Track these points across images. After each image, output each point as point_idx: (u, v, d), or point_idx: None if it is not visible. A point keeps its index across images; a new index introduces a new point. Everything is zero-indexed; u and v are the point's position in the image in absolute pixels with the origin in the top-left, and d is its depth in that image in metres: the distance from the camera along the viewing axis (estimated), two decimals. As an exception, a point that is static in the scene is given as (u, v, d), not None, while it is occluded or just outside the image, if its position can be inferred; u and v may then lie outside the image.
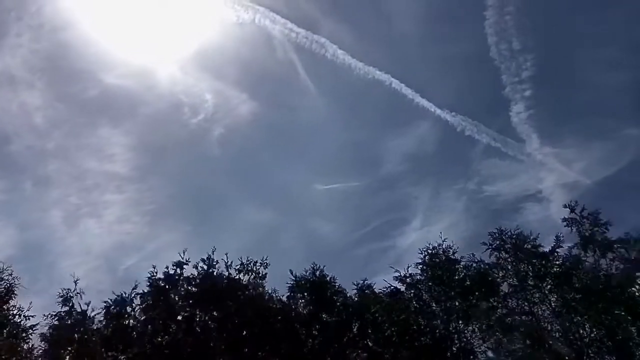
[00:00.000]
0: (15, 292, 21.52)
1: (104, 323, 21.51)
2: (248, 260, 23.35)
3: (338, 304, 22.57)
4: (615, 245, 21.39)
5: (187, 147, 60.27)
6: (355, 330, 21.96)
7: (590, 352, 20.46)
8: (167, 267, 22.53)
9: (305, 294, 22.72)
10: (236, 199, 57.35)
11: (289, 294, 22.93)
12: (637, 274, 20.62)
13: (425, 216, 49.02)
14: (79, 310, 21.79)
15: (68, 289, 21.93)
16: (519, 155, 45.31)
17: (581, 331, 21.11)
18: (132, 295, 22.04)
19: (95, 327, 21.50)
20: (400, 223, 51.16)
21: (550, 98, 57.68)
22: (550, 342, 20.82)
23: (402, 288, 23.31)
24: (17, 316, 20.87)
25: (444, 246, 23.71)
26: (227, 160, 60.65)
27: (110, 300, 21.74)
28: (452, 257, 23.45)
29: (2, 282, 21.39)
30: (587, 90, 59.04)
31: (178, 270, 22.69)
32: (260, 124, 60.62)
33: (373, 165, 59.60)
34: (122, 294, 21.92)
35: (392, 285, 23.33)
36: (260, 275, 23.34)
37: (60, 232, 45.23)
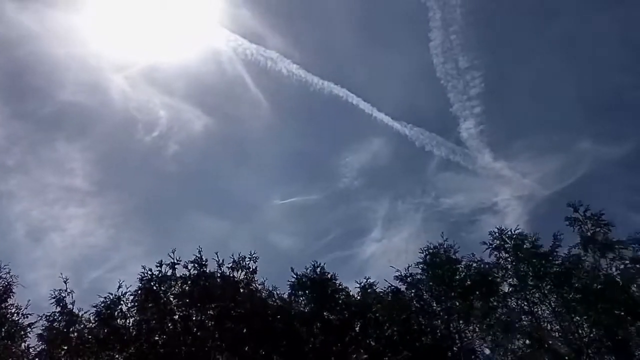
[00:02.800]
0: (13, 291, 21.31)
1: (96, 323, 21.24)
2: (239, 257, 23.26)
3: (340, 302, 22.50)
4: (616, 246, 21.43)
5: (145, 161, 61.54)
6: (357, 329, 21.90)
7: (589, 352, 20.50)
8: (159, 266, 22.37)
9: (307, 291, 22.62)
10: (195, 212, 58.65)
11: (289, 291, 22.83)
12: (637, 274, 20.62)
13: (384, 228, 50.48)
14: (72, 310, 21.52)
15: (60, 290, 21.59)
16: (474, 169, 46.48)
17: (581, 331, 21.17)
18: (123, 294, 21.80)
19: (88, 327, 21.26)
20: (360, 234, 52.65)
21: (500, 113, 59.96)
22: (550, 341, 20.86)
23: (403, 288, 23.30)
24: (15, 315, 20.66)
25: (444, 246, 23.74)
26: (185, 175, 62.30)
27: (104, 298, 21.54)
28: (452, 256, 23.47)
29: (0, 281, 21.18)
30: (538, 104, 61.04)
31: (170, 271, 22.50)
32: (216, 139, 62.84)
33: (330, 179, 61.19)
34: (111, 294, 21.65)
35: (393, 285, 23.33)
36: (251, 270, 23.25)
37: (25, 246, 45.20)
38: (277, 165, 63.75)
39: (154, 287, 22.09)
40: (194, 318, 21.86)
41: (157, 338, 21.02)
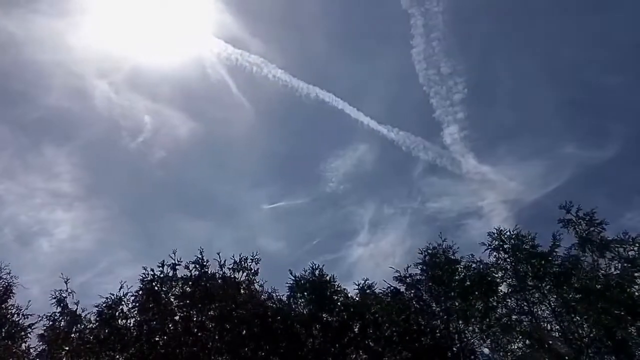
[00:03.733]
0: (13, 291, 21.42)
1: (97, 323, 21.34)
2: (241, 258, 23.36)
3: (339, 303, 22.54)
4: (612, 245, 21.48)
5: (132, 165, 62.29)
6: (356, 330, 21.93)
7: (589, 352, 20.47)
8: (160, 267, 22.47)
9: (305, 293, 22.68)
10: (182, 217, 59.54)
11: (288, 293, 22.89)
12: (636, 274, 20.64)
13: (371, 232, 51.49)
14: (73, 310, 21.68)
15: (60, 290, 21.78)
16: (459, 174, 46.99)
17: (580, 331, 21.14)
18: (124, 295, 21.91)
19: (89, 327, 21.35)
20: (347, 238, 53.14)
21: (484, 118, 60.67)
22: (550, 341, 20.84)
23: (402, 288, 23.36)
24: (15, 315, 20.75)
25: (443, 246, 23.82)
26: (171, 180, 63.77)
27: (105, 299, 21.67)
28: (452, 257, 23.52)
29: (0, 281, 21.28)
30: (521, 109, 61.87)
31: (171, 272, 22.61)
32: (201, 143, 64.09)
33: (317, 183, 61.99)
34: (112, 294, 21.78)
35: (392, 286, 23.38)
36: (253, 271, 23.35)
37: (14, 251, 45.85)
38: (264, 171, 65.22)
39: (155, 288, 22.19)
40: (194, 319, 21.92)
41: (157, 339, 21.09)
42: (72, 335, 20.88)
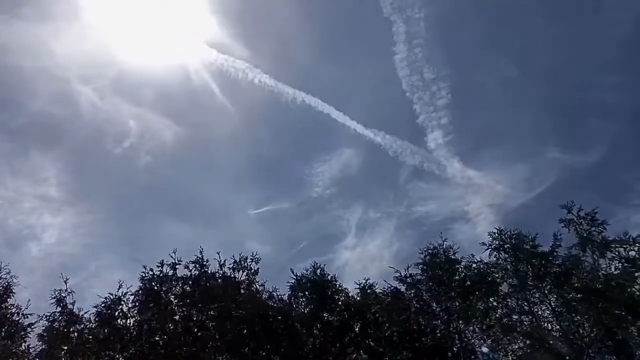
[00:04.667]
0: (13, 291, 21.37)
1: (97, 323, 21.31)
2: (240, 257, 23.41)
3: (340, 303, 22.52)
4: (612, 245, 21.44)
5: (118, 170, 62.29)
6: (357, 329, 21.90)
7: (590, 352, 20.44)
8: (160, 266, 22.43)
9: (306, 293, 22.65)
10: (169, 221, 59.37)
11: (289, 292, 22.87)
12: (637, 274, 20.61)
13: (357, 237, 51.27)
14: (71, 310, 21.62)
15: (60, 290, 21.72)
16: (445, 178, 47.23)
17: (581, 331, 21.11)
18: (123, 294, 21.91)
19: (89, 327, 21.31)
20: (334, 241, 53.23)
21: (468, 123, 61.05)
22: (551, 341, 20.81)
23: (403, 288, 23.31)
24: (15, 315, 20.69)
25: (444, 246, 23.79)
26: (157, 184, 63.47)
27: (105, 298, 21.65)
28: (452, 257, 23.48)
29: (0, 281, 21.24)
30: (505, 114, 62.33)
31: (171, 271, 22.60)
32: (186, 148, 64.12)
33: (303, 187, 61.62)
34: (111, 294, 21.77)
35: (392, 286, 23.33)
36: (252, 271, 23.37)
37: (3, 255, 46.27)
38: (250, 175, 65.56)
39: (155, 288, 22.17)
40: (194, 318, 21.90)
41: (157, 338, 21.06)
42: (73, 334, 20.80)
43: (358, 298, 23.15)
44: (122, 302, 21.64)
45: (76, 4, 50.14)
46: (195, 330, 21.53)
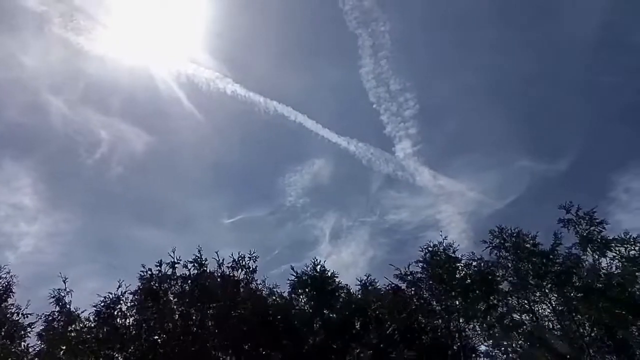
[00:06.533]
0: (13, 291, 21.36)
1: (96, 323, 21.28)
2: (239, 256, 23.30)
3: (340, 300, 22.46)
4: (612, 244, 21.31)
5: (92, 179, 62.21)
6: (358, 327, 21.86)
7: (591, 351, 20.39)
8: (158, 266, 22.39)
9: (307, 290, 22.59)
10: (145, 229, 59.73)
11: (289, 290, 22.82)
12: (637, 273, 20.49)
13: (332, 244, 51.84)
14: (71, 310, 21.62)
15: (59, 289, 21.65)
16: (416, 187, 47.32)
17: (581, 330, 21.05)
18: (122, 293, 21.86)
19: (88, 326, 21.30)
20: (308, 248, 53.89)
21: (437, 133, 61.22)
22: (551, 340, 20.75)
23: (403, 286, 23.21)
24: (15, 314, 20.70)
25: (444, 244, 23.65)
26: (130, 193, 64.12)
27: (104, 298, 21.63)
28: (452, 255, 23.34)
29: (0, 281, 21.23)
30: (475, 123, 62.24)
31: (170, 270, 22.54)
32: (159, 158, 64.88)
33: (276, 197, 62.29)
34: (110, 293, 21.72)
35: (393, 283, 23.25)
36: (251, 269, 23.29)
37: None
38: (223, 183, 66.75)
39: (154, 287, 22.11)
40: (193, 317, 21.85)
41: (157, 337, 21.03)
42: (72, 334, 20.77)
43: (359, 295, 23.09)
44: (121, 302, 21.63)
45: (41, 17, 49.91)
46: (195, 329, 21.52)
